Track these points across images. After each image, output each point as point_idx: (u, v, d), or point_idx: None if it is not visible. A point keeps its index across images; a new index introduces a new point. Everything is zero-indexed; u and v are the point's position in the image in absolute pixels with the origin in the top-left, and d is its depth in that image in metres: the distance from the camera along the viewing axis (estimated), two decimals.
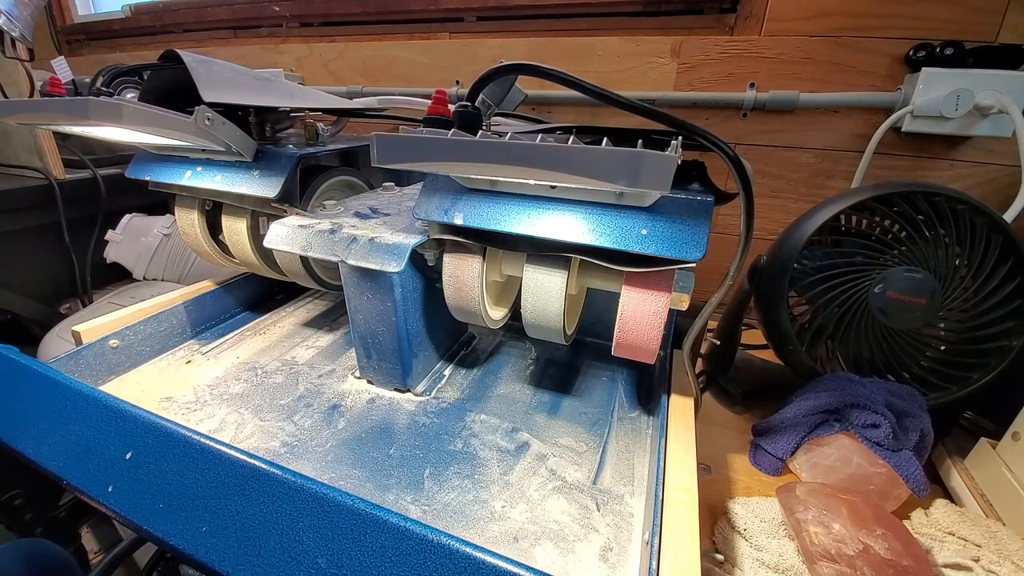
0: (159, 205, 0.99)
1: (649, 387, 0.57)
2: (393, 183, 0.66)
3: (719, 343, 0.60)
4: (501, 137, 0.36)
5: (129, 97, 0.55)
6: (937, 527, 0.43)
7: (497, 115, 0.64)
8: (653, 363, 0.46)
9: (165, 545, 0.32)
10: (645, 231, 0.37)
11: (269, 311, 0.70)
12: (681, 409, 0.44)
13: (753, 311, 0.57)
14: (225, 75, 0.50)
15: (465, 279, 0.47)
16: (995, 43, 0.62)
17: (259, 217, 0.58)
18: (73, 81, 0.86)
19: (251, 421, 0.48)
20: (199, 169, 0.55)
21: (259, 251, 0.59)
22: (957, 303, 0.48)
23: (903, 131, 0.66)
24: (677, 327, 0.53)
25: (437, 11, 0.91)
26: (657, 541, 0.31)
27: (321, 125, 0.61)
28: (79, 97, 0.42)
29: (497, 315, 0.53)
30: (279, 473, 0.31)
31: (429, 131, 0.38)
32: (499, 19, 0.88)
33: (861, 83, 0.69)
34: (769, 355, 0.60)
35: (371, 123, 0.94)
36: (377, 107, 0.69)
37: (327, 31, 1.04)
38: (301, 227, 0.48)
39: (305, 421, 0.48)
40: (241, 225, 0.58)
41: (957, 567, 0.39)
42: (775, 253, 0.54)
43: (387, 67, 0.98)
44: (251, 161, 0.53)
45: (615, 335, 0.43)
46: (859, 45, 0.68)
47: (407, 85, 0.95)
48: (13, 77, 0.77)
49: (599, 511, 0.40)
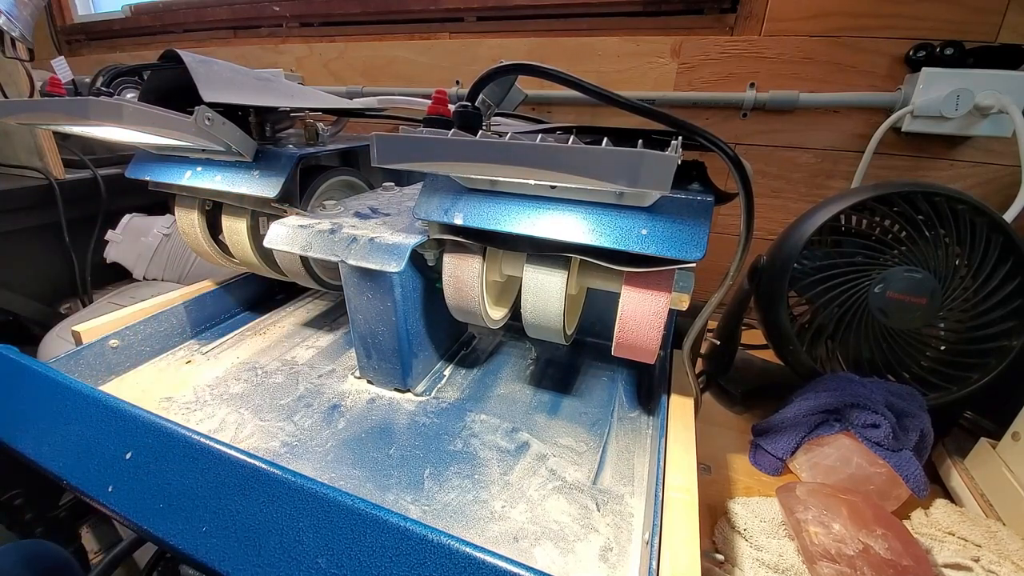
0: (159, 205, 0.99)
1: (649, 387, 0.56)
2: (393, 183, 0.66)
3: (719, 343, 0.60)
4: (501, 137, 0.36)
5: (129, 97, 0.55)
6: (937, 527, 0.43)
7: (497, 115, 0.64)
8: (653, 363, 0.46)
9: (165, 545, 0.32)
10: (645, 231, 0.37)
11: (269, 311, 0.70)
12: (681, 409, 0.44)
13: (753, 311, 0.57)
14: (225, 75, 0.50)
15: (465, 279, 0.47)
16: (995, 43, 0.62)
17: (259, 217, 0.58)
18: (73, 81, 0.85)
19: (251, 421, 0.48)
20: (199, 169, 0.55)
21: (259, 251, 0.59)
22: (957, 303, 0.48)
23: (903, 131, 0.66)
24: (677, 327, 0.53)
25: (437, 11, 0.91)
26: (657, 541, 0.31)
27: (321, 125, 0.61)
28: (79, 97, 0.42)
29: (497, 315, 0.53)
30: (279, 473, 0.31)
31: (429, 131, 0.38)
32: (499, 19, 0.88)
33: (861, 83, 0.69)
34: (769, 355, 0.60)
35: (371, 123, 0.94)
36: (377, 107, 0.69)
37: (327, 31, 1.04)
38: (301, 227, 0.48)
39: (305, 421, 0.48)
40: (241, 225, 0.58)
41: (957, 567, 0.39)
42: (775, 253, 0.54)
43: (387, 67, 0.98)
44: (251, 161, 0.53)
45: (615, 335, 0.43)
46: (859, 45, 0.68)
47: (407, 85, 0.95)
48: (13, 77, 0.77)
49: (599, 511, 0.40)
